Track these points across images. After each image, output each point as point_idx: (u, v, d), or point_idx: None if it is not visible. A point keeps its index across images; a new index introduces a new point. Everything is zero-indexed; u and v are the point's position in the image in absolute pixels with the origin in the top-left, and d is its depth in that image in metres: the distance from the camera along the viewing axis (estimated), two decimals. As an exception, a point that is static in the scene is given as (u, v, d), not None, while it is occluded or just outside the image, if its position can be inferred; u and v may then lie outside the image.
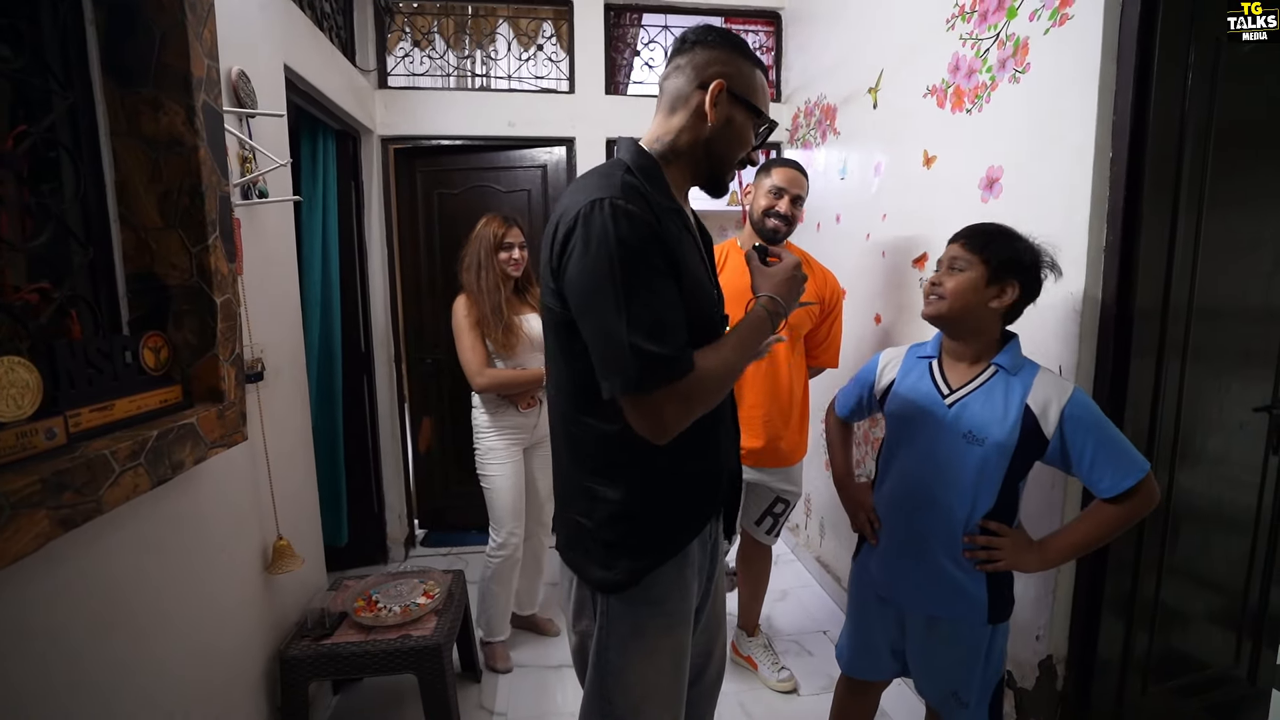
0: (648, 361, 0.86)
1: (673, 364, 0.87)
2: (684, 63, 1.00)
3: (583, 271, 0.88)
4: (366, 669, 1.67)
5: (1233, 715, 1.80)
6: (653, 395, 0.87)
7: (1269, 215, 1.51)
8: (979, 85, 1.70)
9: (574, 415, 1.02)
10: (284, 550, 1.63)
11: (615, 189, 0.90)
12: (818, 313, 2.00)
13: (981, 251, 1.20)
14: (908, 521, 1.31)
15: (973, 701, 1.27)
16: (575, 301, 0.91)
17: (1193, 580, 1.64)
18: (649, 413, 0.89)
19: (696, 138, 1.01)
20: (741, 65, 1.00)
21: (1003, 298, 1.20)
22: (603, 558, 1.03)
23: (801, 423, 2.06)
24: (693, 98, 1.00)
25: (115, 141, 1.19)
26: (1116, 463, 1.12)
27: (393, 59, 2.94)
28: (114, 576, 1.09)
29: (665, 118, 1.03)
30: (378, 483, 2.94)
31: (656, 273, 0.89)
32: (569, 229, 0.90)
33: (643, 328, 0.86)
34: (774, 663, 2.14)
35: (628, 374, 0.86)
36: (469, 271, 2.10)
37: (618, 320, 0.86)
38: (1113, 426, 1.15)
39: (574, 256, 0.89)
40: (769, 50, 3.20)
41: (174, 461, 1.12)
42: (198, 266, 1.24)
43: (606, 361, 0.88)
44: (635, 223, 0.87)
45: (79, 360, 1.00)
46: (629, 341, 0.85)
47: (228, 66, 1.51)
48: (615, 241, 0.86)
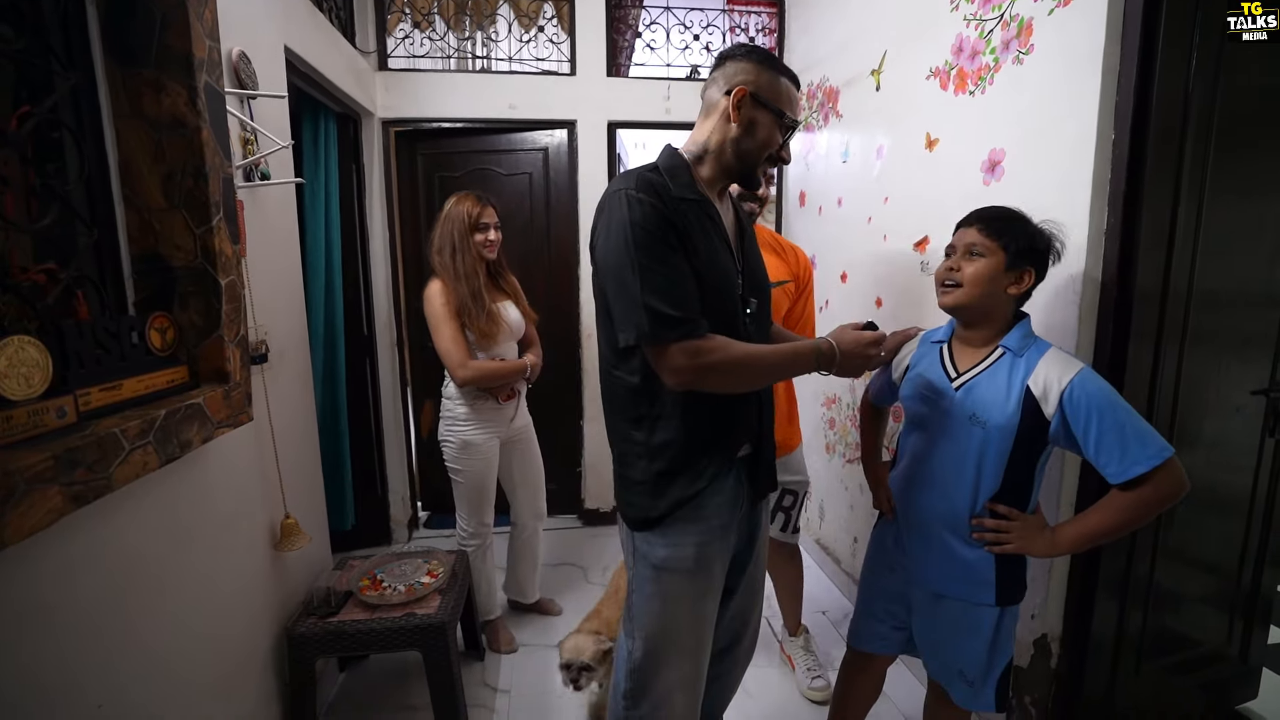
0: (657, 317, 1.04)
1: (681, 324, 1.04)
2: (718, 75, 1.17)
3: (605, 247, 1.09)
4: (372, 646, 1.69)
5: (1224, 693, 1.84)
6: (667, 348, 1.05)
7: (1271, 201, 1.51)
8: (982, 67, 1.69)
9: (609, 371, 1.21)
10: (291, 528, 1.65)
11: (632, 182, 1.08)
12: (793, 290, 1.95)
13: (1000, 237, 1.19)
14: (917, 502, 1.33)
15: (979, 681, 1.29)
16: (601, 269, 1.12)
17: (1187, 561, 1.66)
18: (663, 361, 1.06)
19: (724, 138, 1.16)
20: (765, 73, 1.14)
21: (1020, 284, 1.20)
22: (628, 495, 1.23)
23: (789, 408, 2.01)
24: (720, 104, 1.15)
25: (118, 122, 1.19)
26: (1124, 447, 1.07)
27: (393, 40, 2.92)
28: (125, 552, 1.11)
29: (701, 123, 1.20)
30: (381, 465, 2.96)
31: (669, 248, 1.06)
32: (597, 214, 1.14)
33: (654, 291, 1.04)
34: (810, 669, 2.05)
35: (641, 328, 1.05)
36: (441, 254, 1.99)
37: (633, 283, 1.05)
38: (1125, 408, 1.10)
39: (600, 236, 1.12)
40: (771, 33, 3.18)
41: (182, 440, 1.13)
42: (202, 248, 1.25)
43: (625, 316, 1.07)
44: (644, 207, 1.06)
45: (87, 340, 1.01)
46: (642, 301, 1.04)
47: (229, 48, 1.51)
48: (629, 222, 1.05)
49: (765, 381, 1.22)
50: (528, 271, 3.05)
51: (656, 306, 1.03)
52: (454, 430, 2.08)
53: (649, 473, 1.18)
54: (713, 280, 1.12)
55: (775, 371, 1.17)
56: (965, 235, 1.23)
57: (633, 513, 1.22)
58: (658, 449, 1.17)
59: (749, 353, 1.10)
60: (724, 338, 1.08)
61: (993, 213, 1.24)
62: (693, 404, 1.14)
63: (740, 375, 1.11)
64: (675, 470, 1.17)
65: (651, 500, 1.18)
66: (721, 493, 1.20)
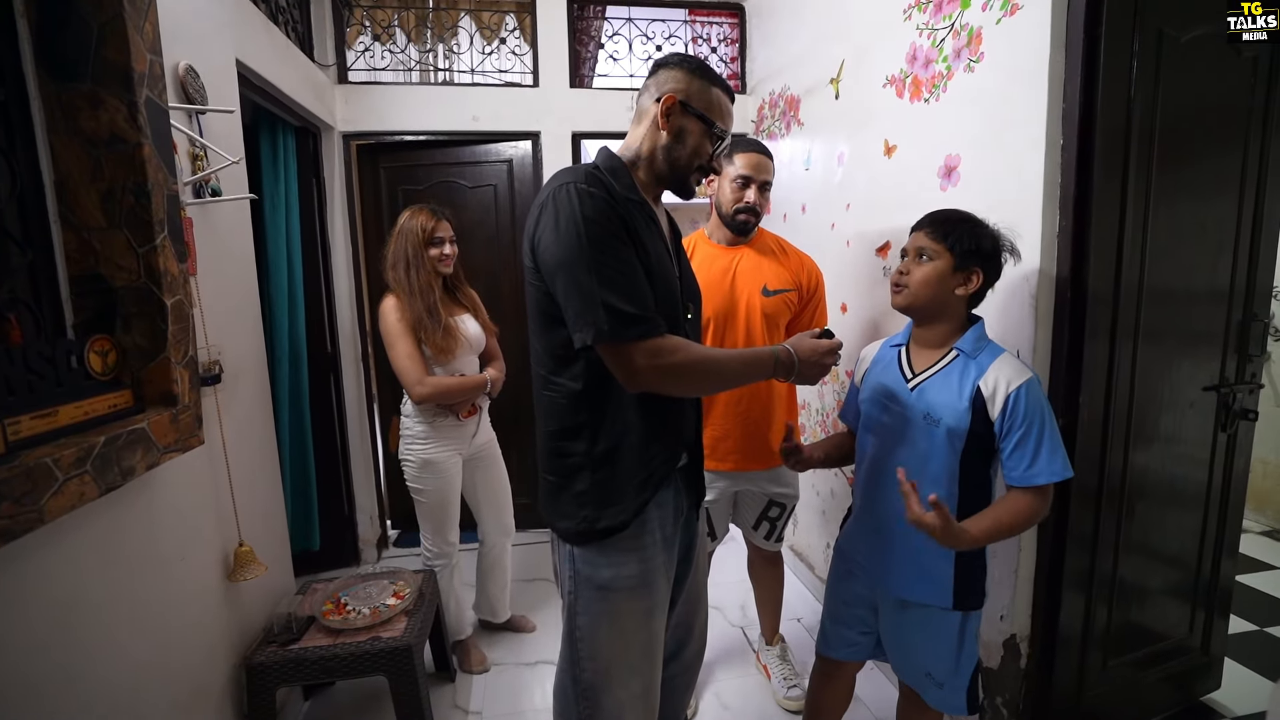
0: (616, 315, 1.00)
1: (640, 321, 1.01)
2: (650, 83, 1.16)
3: (555, 242, 1.03)
4: (335, 672, 1.64)
5: (1189, 683, 1.87)
6: (624, 346, 1.01)
7: (1212, 202, 1.56)
8: (935, 75, 1.72)
9: (546, 379, 1.15)
10: (246, 556, 1.59)
11: (580, 176, 1.06)
12: (795, 300, 1.87)
13: (946, 239, 1.22)
14: (876, 502, 1.34)
15: (948, 684, 1.29)
16: (549, 268, 1.05)
17: (1148, 555, 1.69)
18: (622, 360, 1.02)
19: (654, 145, 1.15)
20: (696, 82, 1.13)
21: (968, 285, 1.23)
22: (568, 508, 1.15)
23: (789, 419, 1.93)
24: (650, 110, 1.15)
25: (53, 139, 1.14)
26: (1034, 456, 1.14)
27: (353, 53, 2.88)
28: (64, 585, 1.05)
29: (634, 128, 1.19)
30: (348, 484, 2.90)
31: (621, 242, 1.03)
32: (540, 208, 1.07)
33: (611, 287, 1.00)
34: (786, 678, 2.03)
35: (600, 326, 1.00)
36: (395, 269, 1.96)
37: (589, 279, 1.00)
38: (1052, 424, 1.16)
39: (544, 231, 1.05)
40: (733, 42, 3.21)
41: (124, 468, 1.08)
42: (145, 267, 1.20)
43: (581, 315, 1.01)
44: (597, 200, 1.03)
45: (18, 366, 0.97)
46: (600, 298, 0.99)
47: (174, 61, 1.47)
48: (581, 217, 1.01)
49: (722, 387, 1.21)
50: (493, 283, 3.02)
51: (615, 304, 0.99)
52: (413, 449, 2.03)
53: (591, 482, 1.12)
54: (661, 281, 1.10)
55: (734, 378, 1.15)
56: (916, 239, 1.26)
57: (574, 525, 1.14)
58: (601, 458, 1.12)
59: (709, 356, 1.09)
60: (682, 339, 1.06)
61: (941, 215, 1.26)
62: (637, 410, 1.11)
63: (700, 379, 1.10)
64: (621, 479, 1.12)
65: (596, 511, 1.12)
66: (662, 505, 1.18)
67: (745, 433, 1.85)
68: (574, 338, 1.03)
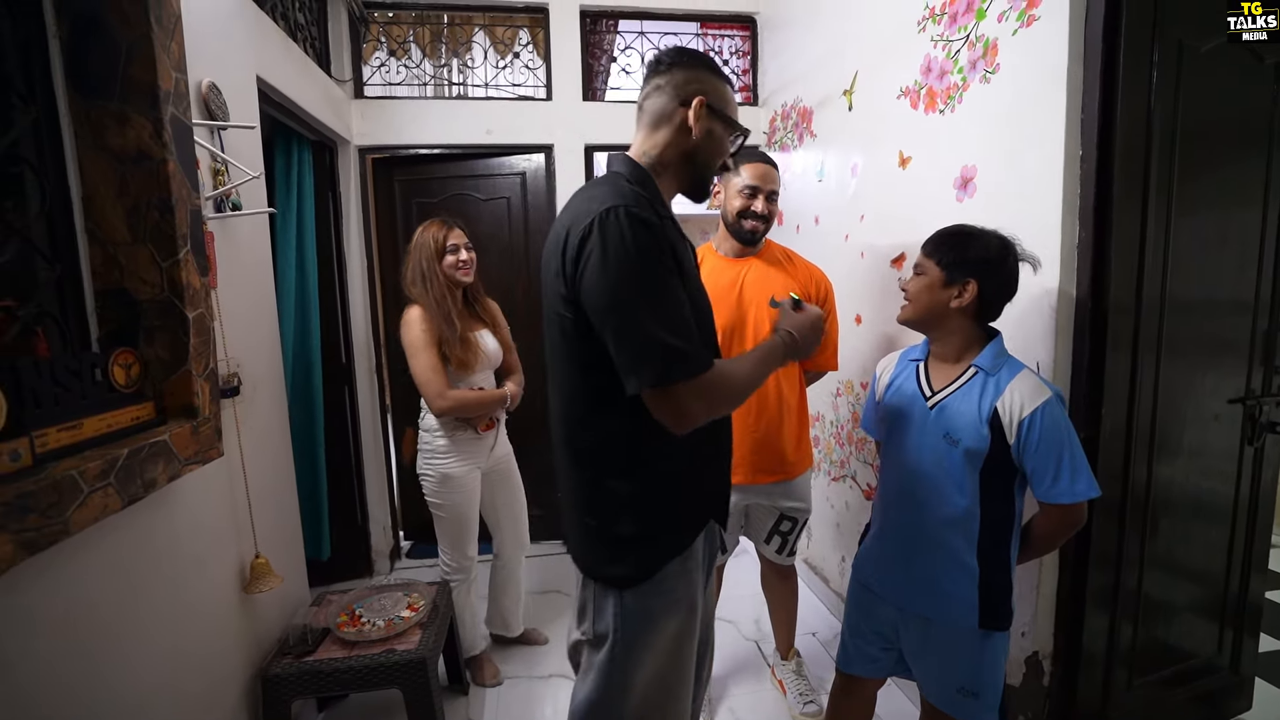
0: (673, 356, 0.91)
1: (692, 360, 0.93)
2: (663, 83, 1.07)
3: (605, 276, 0.91)
4: (350, 685, 1.64)
5: (1217, 704, 1.82)
6: (675, 388, 0.92)
7: (1234, 212, 1.54)
8: (951, 86, 1.72)
9: (582, 418, 1.05)
10: (262, 568, 1.60)
11: (628, 197, 0.95)
12: None
13: (934, 255, 1.25)
14: (898, 521, 1.33)
15: (983, 694, 1.27)
16: (597, 305, 0.93)
17: (1174, 572, 1.66)
18: (673, 405, 0.94)
19: (682, 150, 1.08)
20: (715, 82, 1.09)
21: (962, 297, 1.23)
22: (614, 553, 1.06)
23: (800, 432, 1.90)
24: (676, 114, 1.07)
25: (81, 155, 1.16)
26: (1054, 478, 1.14)
27: (369, 69, 2.92)
28: (84, 599, 1.06)
29: (649, 134, 1.10)
30: (361, 495, 2.90)
31: (671, 274, 0.95)
32: (583, 236, 0.93)
33: (668, 325, 0.91)
34: (802, 694, 2.00)
35: (656, 369, 0.91)
36: (414, 286, 1.96)
37: (649, 319, 0.91)
38: (1073, 445, 1.16)
39: (591, 262, 0.92)
40: (745, 55, 3.22)
41: (146, 480, 1.09)
42: (169, 281, 1.22)
43: (637, 359, 0.92)
44: (651, 229, 0.93)
45: (45, 379, 0.98)
46: (659, 339, 0.90)
47: (198, 79, 1.49)
48: (635, 248, 0.91)
49: (755, 387, 1.13)
50: (508, 295, 3.03)
51: (672, 343, 0.91)
52: (433, 464, 2.02)
53: (644, 521, 1.05)
54: (698, 303, 1.05)
55: (760, 380, 1.09)
56: (919, 255, 1.29)
57: (622, 570, 1.05)
58: (657, 492, 1.05)
59: (740, 372, 1.03)
60: (718, 363, 1.00)
61: (937, 233, 1.29)
62: (686, 440, 1.01)
63: (739, 398, 1.05)
64: (673, 517, 1.07)
65: (651, 549, 1.05)
66: (703, 529, 1.15)
67: (755, 445, 1.83)
68: (627, 381, 0.94)
